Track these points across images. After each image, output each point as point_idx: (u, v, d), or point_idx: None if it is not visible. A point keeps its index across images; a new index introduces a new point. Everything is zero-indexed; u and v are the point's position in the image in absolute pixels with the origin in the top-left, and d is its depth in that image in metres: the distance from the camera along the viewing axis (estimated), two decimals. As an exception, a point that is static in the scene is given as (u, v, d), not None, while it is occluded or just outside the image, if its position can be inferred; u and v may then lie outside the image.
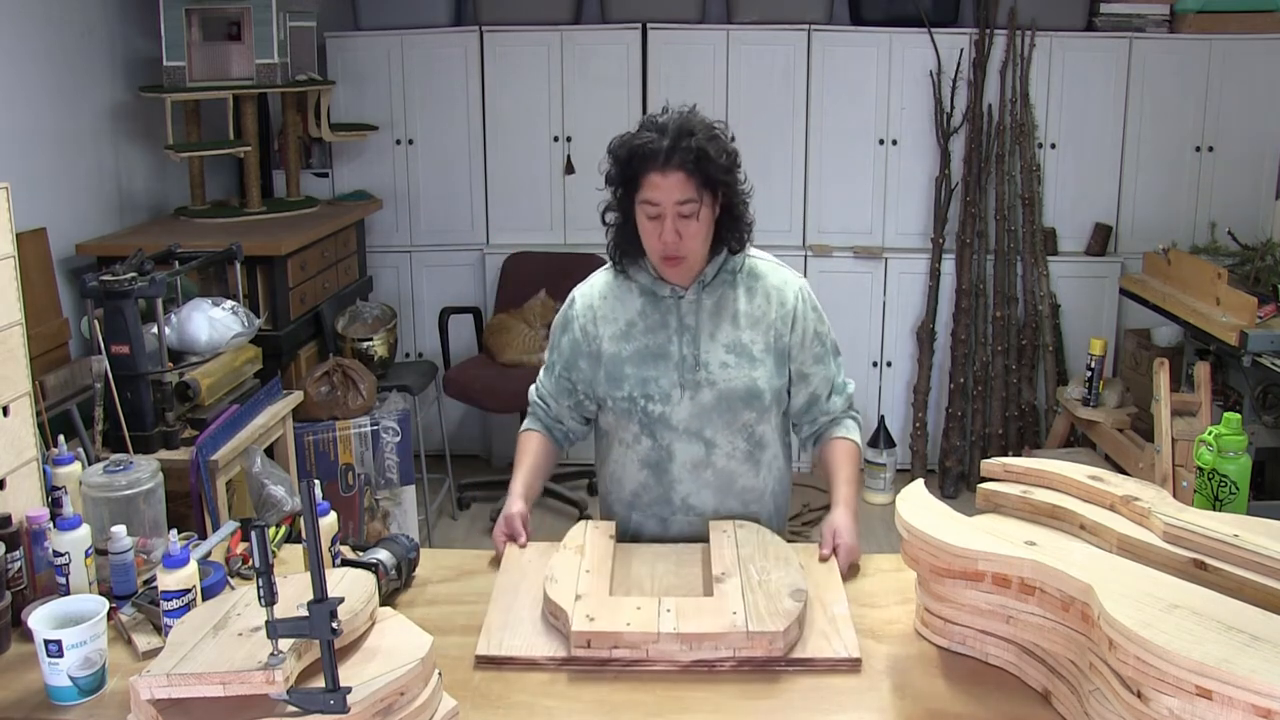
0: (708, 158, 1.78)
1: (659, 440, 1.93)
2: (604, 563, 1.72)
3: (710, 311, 1.92)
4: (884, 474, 4.39)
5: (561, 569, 1.69)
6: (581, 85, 4.49)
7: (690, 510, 1.95)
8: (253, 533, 1.25)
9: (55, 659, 1.42)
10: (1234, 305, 3.39)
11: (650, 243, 1.85)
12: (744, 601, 1.57)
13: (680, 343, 1.91)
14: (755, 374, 1.91)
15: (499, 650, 1.54)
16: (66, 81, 3.41)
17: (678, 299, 1.92)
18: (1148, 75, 4.33)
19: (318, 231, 3.83)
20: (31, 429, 1.76)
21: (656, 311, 1.93)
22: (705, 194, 1.81)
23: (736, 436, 1.93)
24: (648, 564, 1.78)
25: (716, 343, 1.91)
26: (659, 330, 1.92)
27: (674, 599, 1.60)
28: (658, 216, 1.81)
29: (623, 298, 1.96)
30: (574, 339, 1.99)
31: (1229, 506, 1.85)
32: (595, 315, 1.97)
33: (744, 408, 1.91)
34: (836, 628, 1.59)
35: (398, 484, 3.66)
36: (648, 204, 1.81)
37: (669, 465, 1.94)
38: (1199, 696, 1.16)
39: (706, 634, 1.51)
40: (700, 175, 1.79)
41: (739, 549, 1.75)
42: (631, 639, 1.51)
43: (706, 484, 1.94)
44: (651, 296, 1.93)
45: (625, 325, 1.94)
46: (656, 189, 1.79)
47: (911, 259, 4.49)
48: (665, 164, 1.77)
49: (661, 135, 1.78)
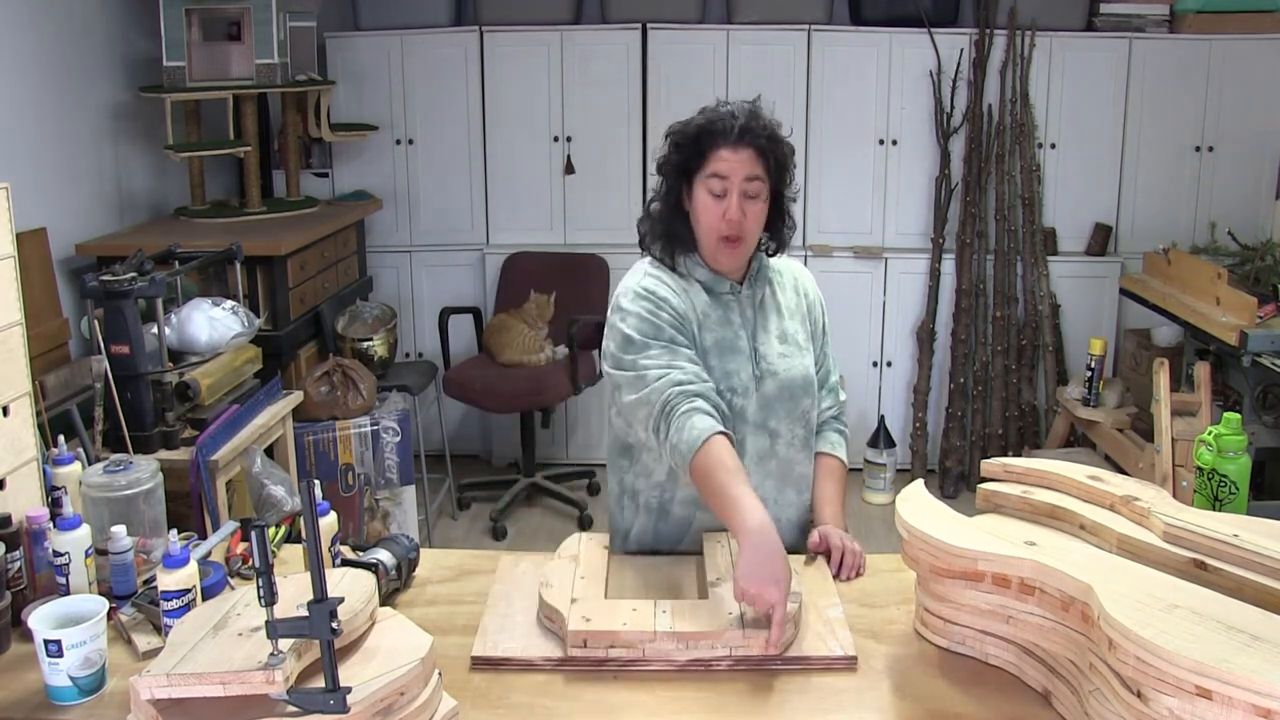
0: (777, 141, 1.83)
1: (735, 435, 1.85)
2: (598, 571, 1.73)
3: (760, 304, 1.94)
4: (884, 474, 4.39)
5: (556, 575, 1.69)
6: (581, 85, 4.49)
7: None
8: (253, 533, 1.25)
9: (55, 659, 1.42)
10: (1234, 305, 3.39)
11: (710, 220, 1.82)
12: (740, 602, 1.57)
13: (746, 335, 1.91)
14: (805, 361, 1.94)
15: (495, 651, 1.54)
16: (66, 81, 3.41)
17: (735, 294, 1.92)
18: (1148, 75, 4.33)
19: (318, 231, 3.83)
20: (31, 429, 1.76)
21: (720, 306, 1.91)
22: (767, 179, 1.83)
23: (796, 425, 1.93)
24: (642, 573, 1.78)
25: (770, 334, 1.92)
26: (725, 325, 1.90)
27: (670, 601, 1.61)
28: (723, 193, 1.81)
29: (689, 290, 1.90)
30: (674, 310, 1.84)
31: (1229, 506, 1.85)
32: (675, 293, 1.86)
33: (803, 395, 1.92)
34: (832, 629, 1.59)
35: (398, 484, 3.66)
36: (715, 178, 1.81)
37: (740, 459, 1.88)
38: (1199, 696, 1.16)
39: (703, 633, 1.51)
40: (768, 157, 1.81)
41: (733, 556, 1.75)
42: (628, 638, 1.51)
43: (770, 474, 1.93)
44: (713, 292, 1.91)
45: (701, 316, 1.89)
46: (726, 162, 1.80)
47: (911, 259, 4.49)
48: (738, 140, 1.80)
49: (733, 116, 1.82)
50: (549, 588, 1.64)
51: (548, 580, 1.67)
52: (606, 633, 1.51)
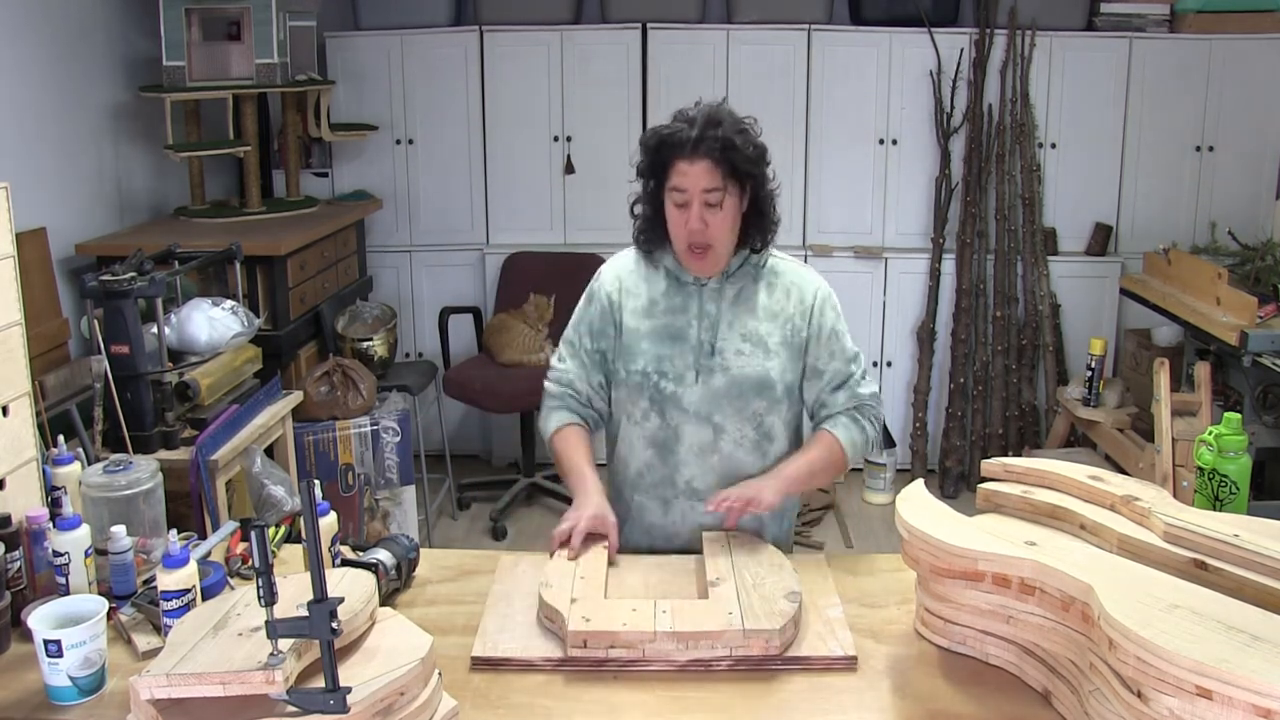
0: (734, 148, 1.83)
1: (667, 419, 1.94)
2: (598, 571, 1.73)
3: (730, 301, 1.95)
4: (884, 474, 4.39)
5: (556, 575, 1.69)
6: (581, 85, 4.49)
7: (694, 494, 1.95)
8: (253, 533, 1.25)
9: (55, 659, 1.42)
10: (1234, 305, 3.39)
11: (677, 231, 1.88)
12: (739, 603, 1.58)
13: (699, 327, 1.94)
14: (769, 364, 1.93)
15: (494, 652, 1.54)
16: (66, 81, 3.41)
17: (700, 286, 1.95)
18: (1148, 75, 4.33)
19: (318, 231, 3.83)
20: (31, 429, 1.76)
21: (679, 295, 1.96)
22: (732, 184, 1.85)
23: (746, 425, 1.94)
24: (641, 573, 1.78)
25: (734, 331, 1.94)
26: (680, 313, 1.95)
27: (670, 601, 1.61)
28: (685, 204, 1.85)
29: (648, 276, 2.00)
30: (603, 307, 2.01)
31: (1229, 506, 1.85)
32: (621, 286, 2.00)
33: (755, 396, 1.93)
34: (832, 629, 1.59)
35: (398, 484, 3.66)
36: (675, 191, 1.85)
37: (675, 446, 1.95)
38: (1199, 696, 1.16)
39: (703, 633, 1.51)
40: (726, 165, 1.83)
41: (733, 556, 1.76)
42: (628, 638, 1.51)
43: (711, 469, 1.95)
44: (675, 281, 1.97)
45: (648, 302, 1.97)
46: (684, 176, 1.83)
47: (911, 259, 4.49)
48: (692, 152, 1.82)
49: (690, 125, 1.84)
50: (549, 588, 1.64)
51: (547, 580, 1.67)
52: (606, 633, 1.52)
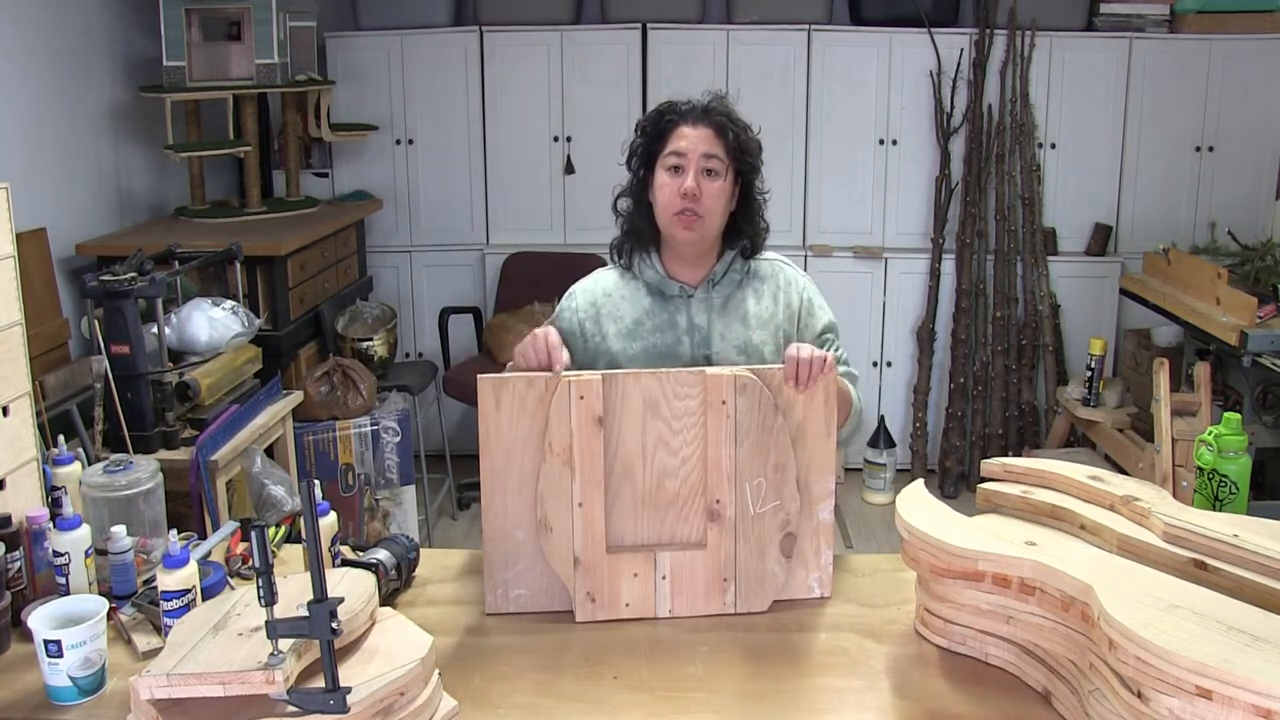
0: (737, 124, 1.86)
1: None
2: (596, 487, 1.65)
3: (719, 310, 1.91)
4: (884, 474, 4.39)
5: (551, 493, 1.64)
6: (581, 85, 4.49)
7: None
8: (253, 533, 1.25)
9: (55, 659, 1.42)
10: (1234, 305, 3.39)
11: (667, 197, 1.84)
12: (735, 567, 1.68)
13: (690, 343, 1.89)
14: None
15: (506, 607, 1.69)
16: (66, 81, 3.41)
17: (686, 298, 1.90)
18: (1148, 75, 4.33)
19: (318, 231, 3.83)
20: (31, 429, 1.76)
21: (665, 310, 1.91)
22: (730, 162, 1.85)
23: None
24: (637, 435, 1.66)
25: (728, 343, 1.90)
26: (668, 330, 1.90)
27: (668, 562, 1.68)
28: (681, 168, 1.83)
29: (629, 295, 1.93)
30: (569, 328, 1.93)
31: (1229, 506, 1.85)
32: (599, 312, 1.93)
33: None
34: (818, 548, 1.72)
35: (398, 484, 3.66)
36: (674, 155, 1.84)
37: None
38: (1199, 696, 1.16)
39: (700, 616, 1.69)
40: (727, 139, 1.84)
41: (737, 446, 1.66)
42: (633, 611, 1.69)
43: None
44: (659, 295, 1.91)
45: (632, 323, 1.91)
46: (685, 139, 1.84)
47: (911, 259, 4.49)
48: (697, 119, 1.85)
49: (696, 101, 1.89)
50: (550, 532, 1.66)
51: (546, 519, 1.66)
52: (612, 622, 1.67)
